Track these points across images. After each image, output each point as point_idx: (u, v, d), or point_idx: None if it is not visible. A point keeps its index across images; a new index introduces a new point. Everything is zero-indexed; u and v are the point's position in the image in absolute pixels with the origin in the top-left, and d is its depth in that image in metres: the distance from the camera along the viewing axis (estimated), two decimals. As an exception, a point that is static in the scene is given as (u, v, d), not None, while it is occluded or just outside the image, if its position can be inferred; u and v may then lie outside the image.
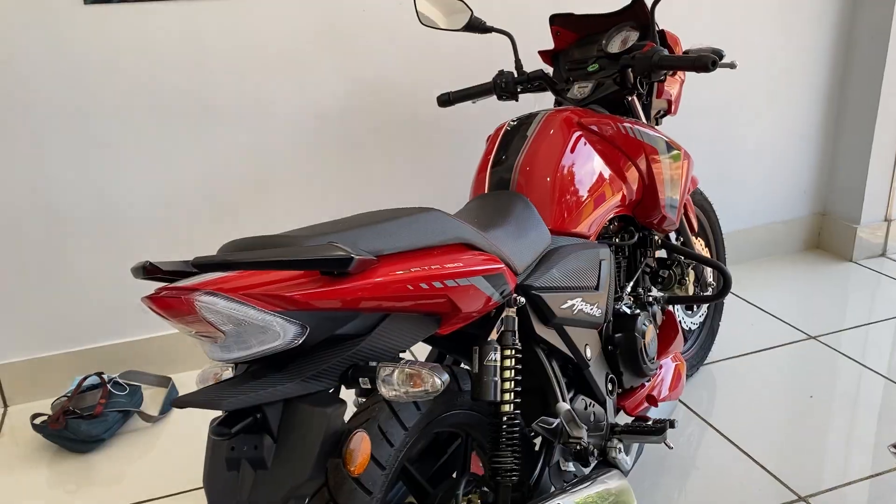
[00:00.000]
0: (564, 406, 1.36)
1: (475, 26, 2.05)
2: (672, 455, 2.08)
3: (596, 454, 1.58)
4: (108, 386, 2.33)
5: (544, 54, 2.13)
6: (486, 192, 1.65)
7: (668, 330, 1.96)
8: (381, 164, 2.67)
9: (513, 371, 1.34)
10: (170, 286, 0.96)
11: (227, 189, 2.52)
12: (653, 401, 1.81)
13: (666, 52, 1.81)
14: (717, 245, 2.55)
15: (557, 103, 2.07)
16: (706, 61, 1.67)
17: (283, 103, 2.50)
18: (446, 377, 1.06)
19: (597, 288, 1.61)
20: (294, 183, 2.59)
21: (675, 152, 1.87)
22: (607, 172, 1.72)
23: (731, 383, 2.43)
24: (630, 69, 1.84)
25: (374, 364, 1.09)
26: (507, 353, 1.34)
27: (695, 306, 2.36)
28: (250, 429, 1.04)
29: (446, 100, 2.15)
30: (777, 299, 3.01)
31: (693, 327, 2.40)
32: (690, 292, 2.10)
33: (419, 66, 2.62)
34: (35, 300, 2.44)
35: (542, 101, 2.79)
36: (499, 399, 1.28)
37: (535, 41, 2.70)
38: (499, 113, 2.75)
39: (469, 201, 1.63)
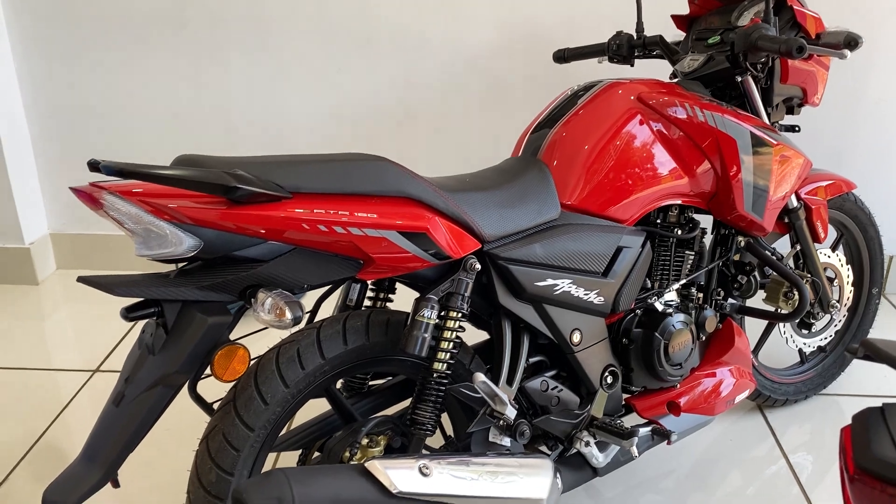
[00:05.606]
0: (480, 377, 1.33)
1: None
2: (720, 474, 1.91)
3: (560, 439, 1.53)
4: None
5: (678, 19, 1.96)
6: (518, 155, 1.61)
7: (722, 340, 1.77)
8: (525, 111, 2.66)
9: (453, 333, 1.35)
10: (94, 182, 1.14)
11: (373, 117, 2.70)
12: (675, 409, 1.67)
13: (772, 31, 1.58)
14: (873, 265, 2.19)
15: (673, 75, 1.91)
16: (791, 46, 1.45)
17: (436, 41, 2.58)
18: (299, 314, 1.13)
19: (604, 275, 1.52)
20: (437, 119, 2.69)
21: (766, 148, 1.65)
22: (663, 157, 1.58)
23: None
24: (732, 46, 1.64)
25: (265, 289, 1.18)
26: (452, 314, 1.35)
27: (812, 327, 2.07)
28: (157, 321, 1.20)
29: (561, 56, 2.07)
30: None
31: (808, 349, 2.12)
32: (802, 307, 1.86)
33: (576, 18, 2.53)
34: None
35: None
36: (423, 354, 1.30)
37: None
38: (658, 70, 2.57)
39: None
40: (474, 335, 1.75)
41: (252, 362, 1.28)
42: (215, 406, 1.33)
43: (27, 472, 1.92)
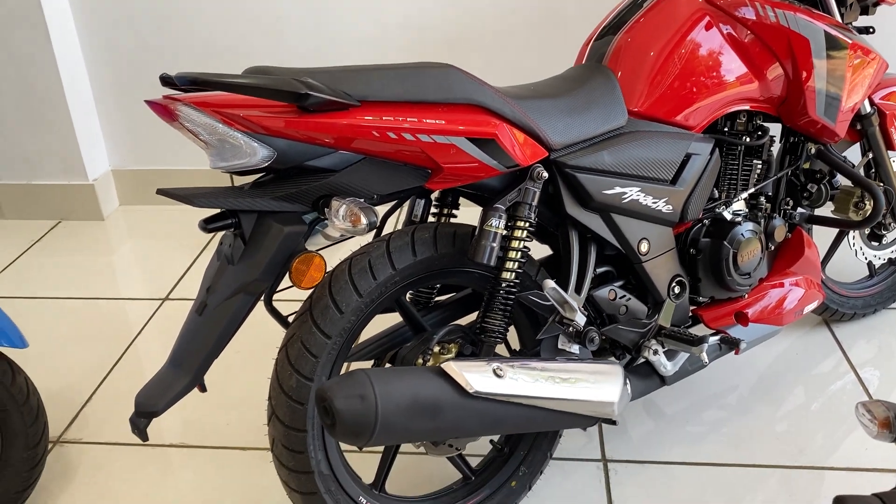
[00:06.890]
0: (549, 283, 1.34)
1: None
2: (786, 389, 1.90)
3: (628, 348, 1.54)
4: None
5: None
6: (582, 63, 1.58)
7: (791, 250, 1.74)
8: (583, 28, 2.60)
9: (521, 242, 1.35)
10: (168, 95, 1.15)
11: (424, 37, 2.66)
12: (743, 319, 1.66)
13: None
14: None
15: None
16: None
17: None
18: (374, 220, 1.14)
19: (672, 182, 1.50)
20: (489, 37, 2.65)
21: (840, 49, 1.58)
22: (732, 61, 1.53)
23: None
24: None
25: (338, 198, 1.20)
26: (520, 224, 1.35)
27: (883, 238, 2.02)
28: (234, 232, 1.23)
29: (622, -35, 2.00)
30: None
31: (878, 262, 2.07)
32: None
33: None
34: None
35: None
36: (491, 264, 1.31)
37: None
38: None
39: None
40: (538, 251, 1.75)
41: (325, 275, 1.31)
42: (290, 319, 1.36)
43: (111, 388, 2.01)
